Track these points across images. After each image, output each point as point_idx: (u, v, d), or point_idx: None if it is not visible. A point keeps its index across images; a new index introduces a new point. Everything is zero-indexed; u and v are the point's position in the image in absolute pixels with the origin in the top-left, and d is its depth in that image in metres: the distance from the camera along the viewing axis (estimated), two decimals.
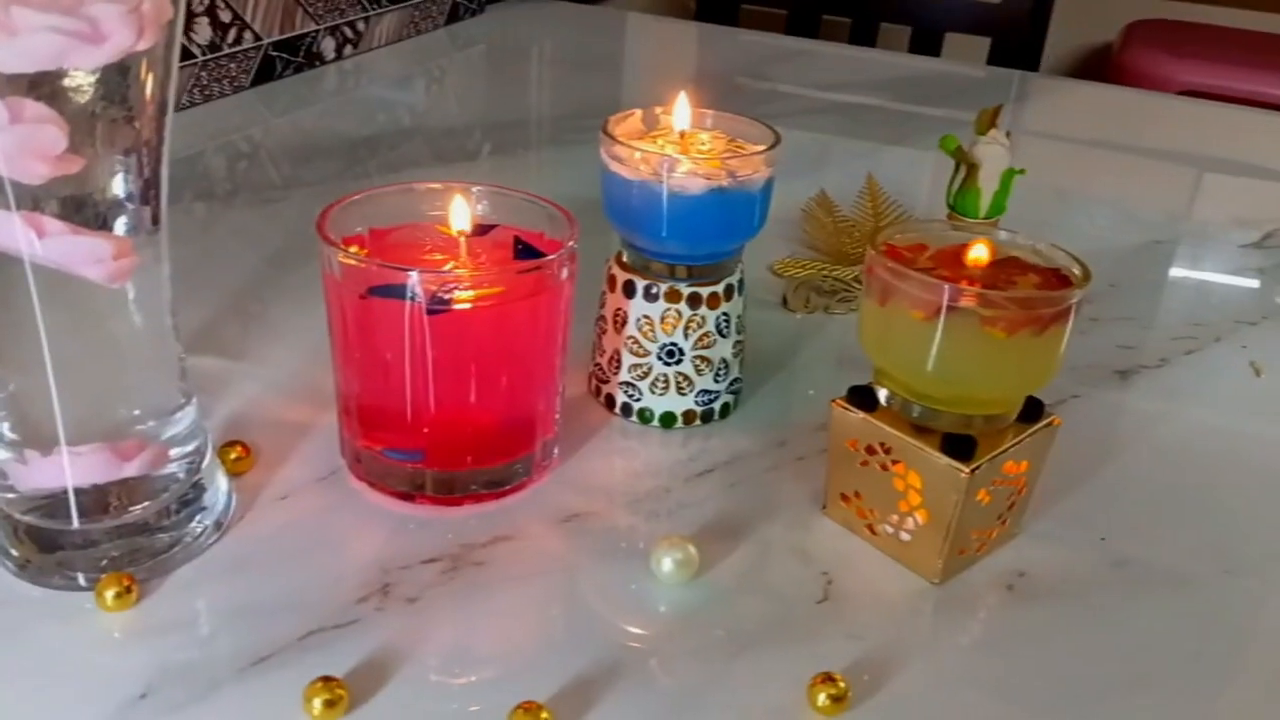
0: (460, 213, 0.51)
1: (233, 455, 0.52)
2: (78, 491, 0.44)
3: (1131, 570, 0.50)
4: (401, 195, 0.53)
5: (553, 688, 0.41)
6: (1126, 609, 0.48)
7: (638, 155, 0.53)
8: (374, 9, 1.20)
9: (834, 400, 0.50)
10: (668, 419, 0.58)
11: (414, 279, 0.46)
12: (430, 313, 0.46)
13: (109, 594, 0.43)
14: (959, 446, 0.46)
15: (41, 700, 0.40)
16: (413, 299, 0.46)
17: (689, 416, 0.58)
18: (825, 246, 0.79)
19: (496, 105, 1.14)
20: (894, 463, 0.48)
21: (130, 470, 0.44)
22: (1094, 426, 0.61)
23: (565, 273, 0.49)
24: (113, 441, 0.44)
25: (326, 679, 0.40)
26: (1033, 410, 0.48)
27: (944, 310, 0.44)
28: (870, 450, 0.49)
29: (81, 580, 0.44)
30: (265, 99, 1.06)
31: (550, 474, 0.54)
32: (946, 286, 0.43)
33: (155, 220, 0.43)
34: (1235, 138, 1.19)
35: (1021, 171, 0.74)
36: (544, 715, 0.39)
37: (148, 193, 0.42)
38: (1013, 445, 0.47)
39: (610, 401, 0.59)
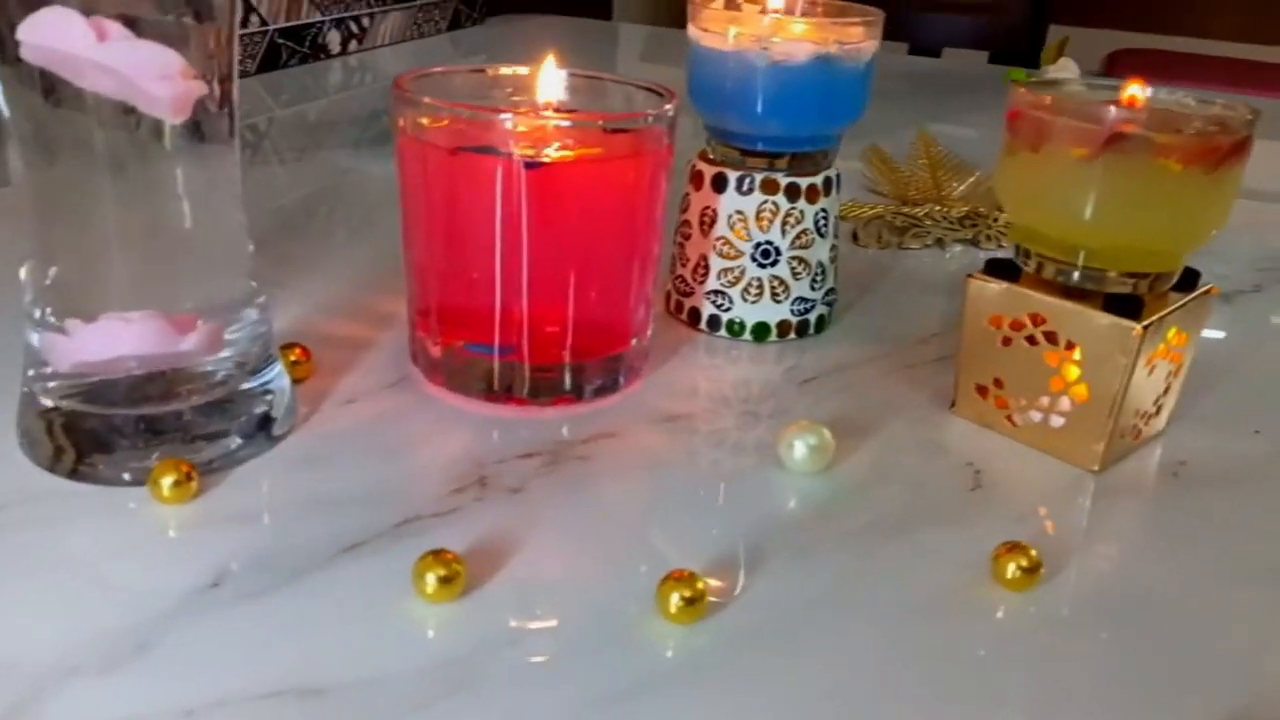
0: (550, 80, 0.46)
1: (291, 358, 0.46)
2: (127, 371, 0.38)
3: None
4: (477, 76, 0.49)
5: (695, 565, 0.35)
6: None
7: (732, 25, 0.48)
8: (379, 6, 1.16)
9: (970, 274, 0.45)
10: (760, 330, 0.52)
11: (508, 124, 0.41)
12: (527, 167, 0.41)
13: (165, 482, 0.37)
14: (1125, 305, 0.41)
15: (89, 597, 0.33)
16: (508, 155, 0.41)
17: (784, 328, 0.53)
18: (889, 191, 0.75)
19: None
20: (1046, 335, 0.43)
21: (187, 344, 0.38)
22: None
23: (665, 140, 0.44)
24: (168, 312, 0.38)
25: (438, 552, 0.33)
26: (1189, 278, 0.44)
27: (1110, 140, 0.39)
28: (1016, 325, 0.44)
29: (127, 476, 0.38)
30: (270, 87, 1.01)
31: (641, 382, 0.48)
32: (1114, 110, 0.39)
33: (231, 132, 0.39)
34: None
35: None
36: (699, 585, 0.33)
37: (224, 100, 0.38)
38: (1177, 308, 0.42)
39: (695, 316, 0.53)
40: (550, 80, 0.46)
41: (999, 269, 0.44)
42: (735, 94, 0.49)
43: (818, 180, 0.51)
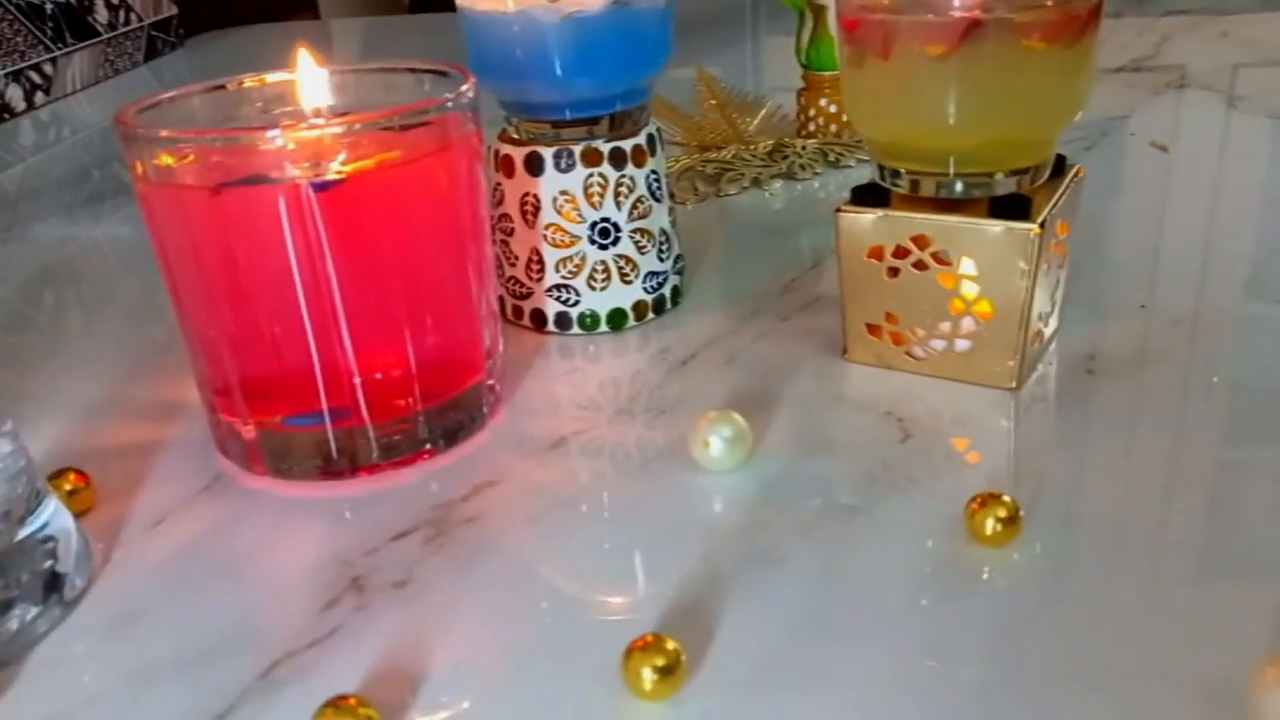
0: (312, 81, 0.38)
1: (66, 488, 0.36)
2: None
3: (1193, 325, 0.44)
4: (215, 97, 0.40)
5: (651, 621, 0.29)
6: (1215, 356, 0.41)
7: None
8: (59, 48, 1.01)
9: (837, 209, 0.40)
10: (616, 318, 0.46)
11: (279, 141, 0.32)
12: (317, 188, 0.33)
13: None
14: (1014, 206, 0.38)
15: None
16: (288, 178, 0.33)
17: (640, 310, 0.47)
18: (687, 139, 0.70)
19: None
20: (935, 257, 0.39)
21: None
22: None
23: (471, 124, 0.37)
24: None
25: (336, 702, 0.26)
26: (1057, 163, 0.41)
27: (967, 31, 0.35)
28: (900, 253, 0.40)
29: None
30: None
31: (504, 409, 0.41)
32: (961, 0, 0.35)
33: None
34: None
35: None
36: (669, 646, 0.27)
37: None
38: (1060, 198, 0.40)
39: (539, 318, 0.47)
40: (312, 81, 0.38)
41: (866, 195, 0.40)
42: (530, 60, 0.42)
43: (640, 140, 0.45)
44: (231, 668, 0.29)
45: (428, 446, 0.38)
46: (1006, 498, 0.31)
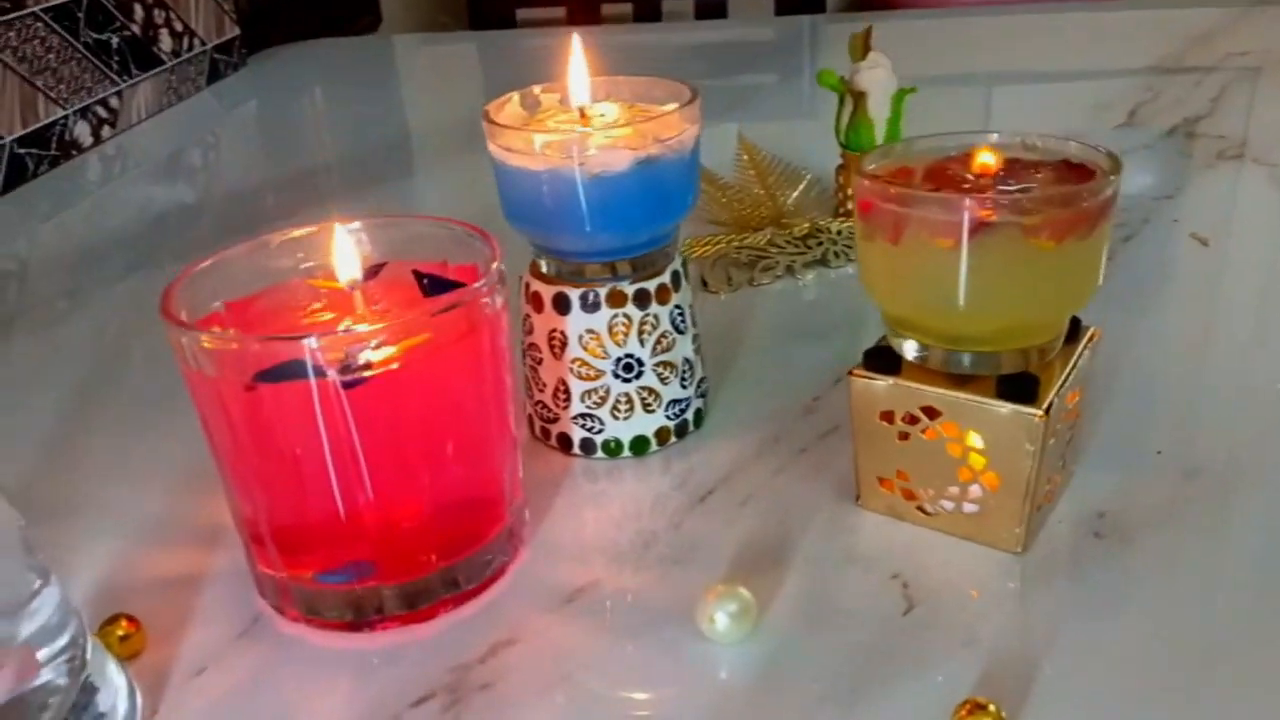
0: (345, 254, 0.40)
1: (119, 633, 0.39)
2: None
3: (1204, 481, 0.44)
4: (257, 253, 0.42)
5: None
6: (1222, 518, 0.42)
7: (539, 140, 0.43)
8: (124, 80, 1.04)
9: (851, 370, 0.42)
10: (639, 445, 0.48)
11: (312, 346, 0.34)
12: (346, 386, 0.35)
13: None
14: (1020, 388, 0.38)
15: None
16: (319, 375, 0.35)
17: (662, 435, 0.48)
18: (724, 217, 0.71)
19: (282, 161, 1.01)
20: (944, 426, 0.40)
21: None
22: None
23: (498, 300, 0.39)
24: None
25: None
26: (1072, 328, 0.42)
27: (975, 229, 0.36)
28: (910, 419, 0.41)
29: None
30: (21, 206, 0.89)
31: (526, 547, 0.43)
32: (970, 200, 0.36)
33: None
34: (1041, 39, 1.18)
35: (913, 90, 0.68)
36: None
37: None
38: (1070, 371, 0.40)
39: (565, 442, 0.49)
40: (346, 252, 0.40)
41: (879, 360, 0.41)
42: (557, 213, 0.44)
43: (665, 279, 0.47)
44: None
45: (447, 596, 0.40)
46: (992, 707, 0.33)
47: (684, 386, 0.48)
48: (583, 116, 0.46)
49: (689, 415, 0.49)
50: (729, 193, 0.73)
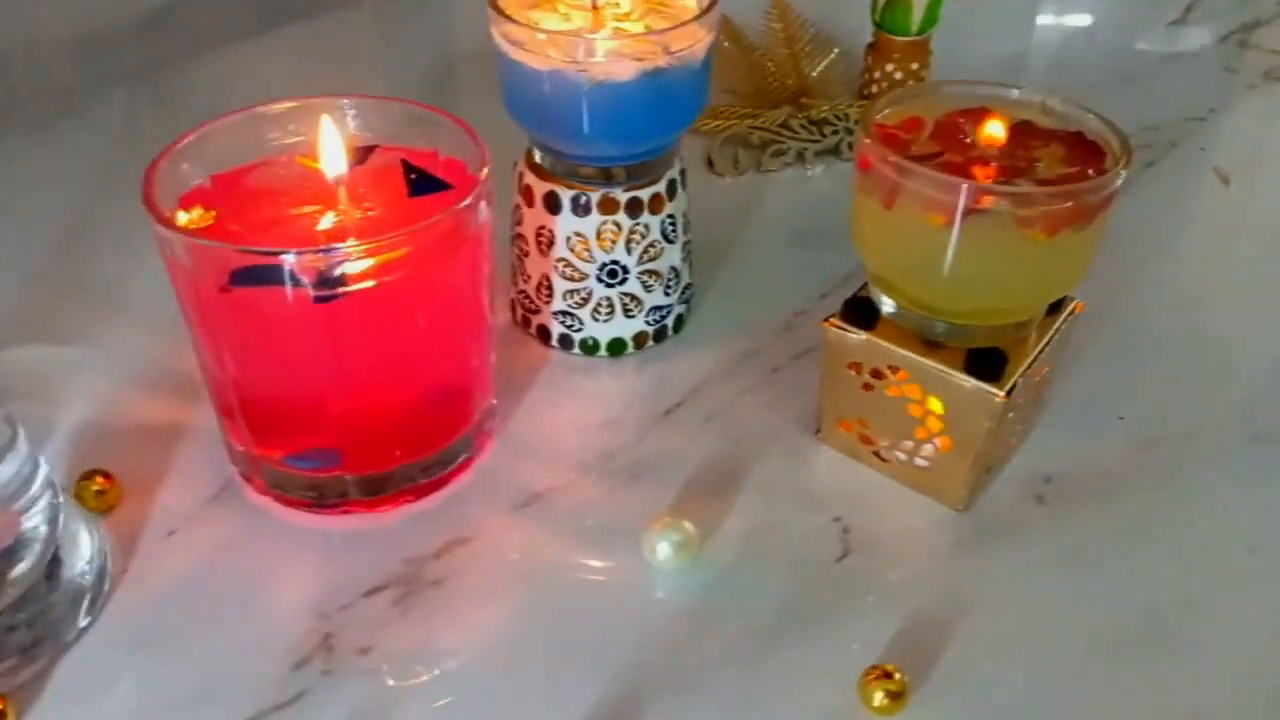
0: (332, 150, 0.39)
1: (94, 489, 0.41)
2: None
3: (1160, 452, 0.45)
4: (245, 124, 0.41)
5: None
6: (1161, 500, 0.43)
7: (543, 38, 0.41)
8: None
9: (826, 319, 0.42)
10: (616, 346, 0.49)
11: (289, 262, 0.34)
12: (319, 300, 0.35)
13: None
14: (987, 365, 0.39)
15: None
16: (294, 284, 0.35)
17: (640, 340, 0.49)
18: (742, 86, 0.69)
19: None
20: (907, 387, 0.40)
21: None
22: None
23: (483, 212, 0.39)
24: None
25: None
26: (1057, 300, 0.41)
27: (969, 211, 0.35)
28: (876, 374, 0.41)
29: None
30: None
31: (493, 441, 0.45)
32: (967, 185, 0.35)
33: None
34: None
35: None
36: None
37: None
38: (1043, 349, 0.40)
39: (544, 333, 0.49)
40: (332, 144, 0.39)
41: (856, 312, 0.41)
42: (556, 114, 0.43)
43: (660, 188, 0.46)
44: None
45: (409, 490, 0.42)
46: (898, 675, 0.35)
47: (667, 294, 0.49)
48: (595, 7, 0.44)
49: (669, 321, 0.49)
50: (752, 56, 0.70)
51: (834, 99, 0.68)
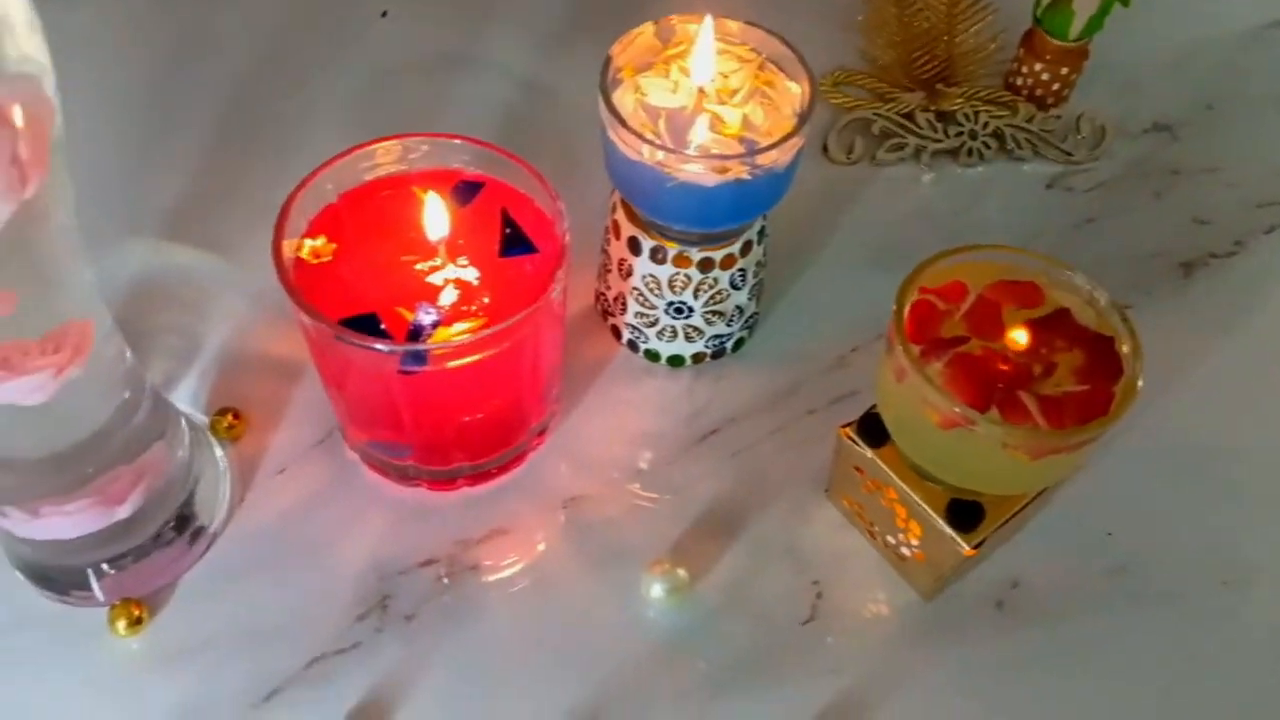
0: (435, 216, 0.45)
1: (225, 424, 0.51)
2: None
3: (1129, 581, 0.49)
4: (366, 158, 0.47)
5: None
6: (1114, 630, 0.48)
7: (634, 139, 0.44)
8: None
9: (842, 427, 0.47)
10: (675, 360, 0.55)
11: (381, 350, 0.41)
12: (403, 372, 0.42)
13: (120, 624, 0.45)
14: (964, 516, 0.44)
15: None
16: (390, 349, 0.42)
17: (698, 358, 0.55)
18: (885, 54, 0.68)
19: None
20: (896, 507, 0.46)
21: (123, 512, 0.44)
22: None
23: (558, 291, 0.44)
24: (96, 486, 0.43)
25: None
26: None
27: (960, 424, 0.39)
28: (873, 485, 0.46)
29: (99, 596, 0.46)
30: None
31: (550, 435, 0.52)
32: (960, 410, 0.38)
33: None
34: None
35: (1126, 1, 0.61)
36: None
37: None
38: (1026, 505, 0.45)
39: (616, 332, 0.55)
40: (435, 215, 0.44)
41: (869, 429, 0.46)
42: (640, 191, 0.46)
43: (735, 249, 0.50)
44: (287, 652, 0.46)
45: (469, 478, 0.50)
46: None
47: (729, 325, 0.53)
48: (700, 93, 0.46)
49: (729, 344, 0.55)
50: (908, 12, 0.68)
51: (976, 80, 0.67)
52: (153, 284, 0.57)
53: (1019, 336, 0.40)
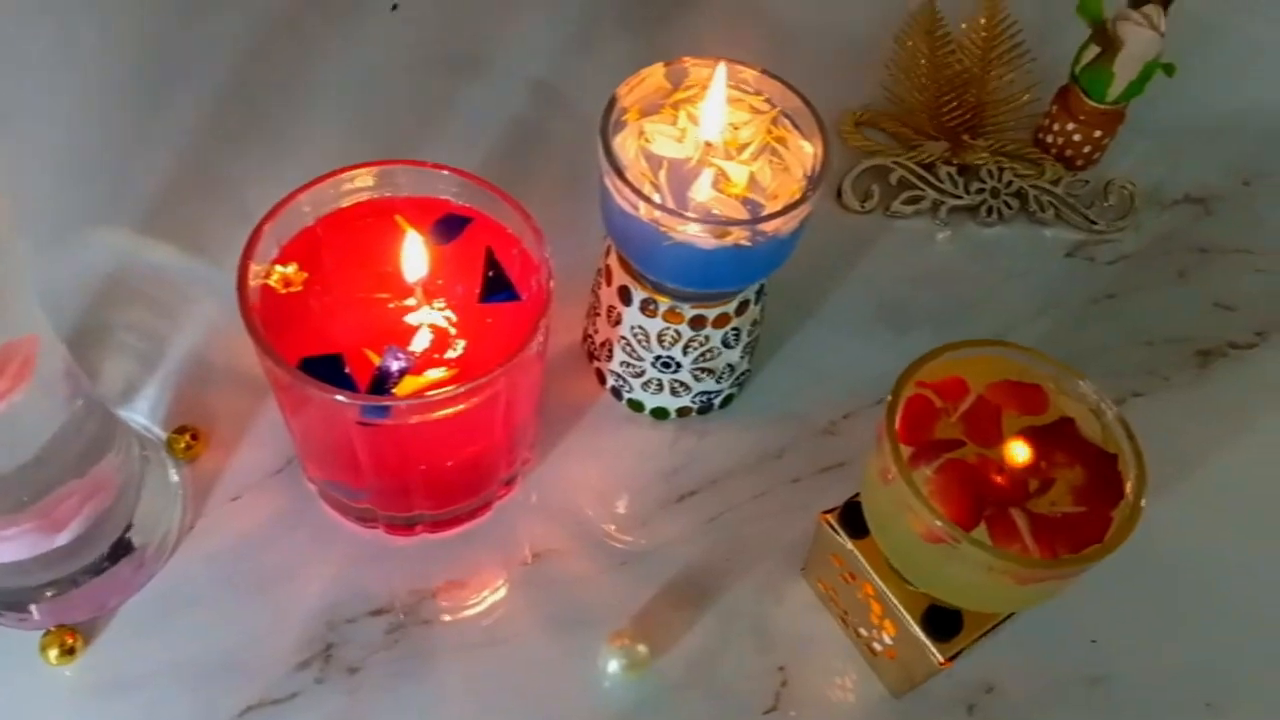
0: (414, 263, 0.42)
1: (182, 445, 0.49)
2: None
3: (1110, 693, 0.47)
4: (349, 181, 0.44)
5: None
6: None
7: (634, 194, 0.42)
8: None
9: (823, 514, 0.44)
10: (659, 413, 0.52)
11: (341, 401, 0.39)
12: (361, 424, 0.40)
13: (52, 653, 0.43)
14: (943, 624, 0.41)
15: None
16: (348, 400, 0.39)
17: (683, 412, 0.52)
18: (912, 96, 0.65)
19: None
20: (873, 603, 0.43)
21: (63, 539, 0.42)
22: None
23: (537, 345, 0.42)
24: (38, 509, 0.41)
25: None
26: None
27: (943, 538, 0.37)
28: (850, 576, 0.44)
29: (36, 617, 0.44)
30: None
31: (520, 483, 0.50)
32: (944, 526, 0.36)
33: None
34: None
35: (1170, 70, 0.58)
36: None
37: None
38: (1006, 619, 0.42)
39: (601, 377, 0.53)
40: (414, 256, 0.42)
41: (851, 520, 0.43)
42: (635, 246, 0.44)
43: (730, 308, 0.47)
44: (217, 698, 0.43)
45: (429, 526, 0.48)
46: None
47: (718, 382, 0.51)
48: (707, 146, 0.43)
49: (716, 401, 0.52)
50: (941, 52, 0.65)
51: (1004, 132, 0.64)
52: (122, 278, 0.54)
53: (1018, 451, 0.38)
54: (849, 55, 0.68)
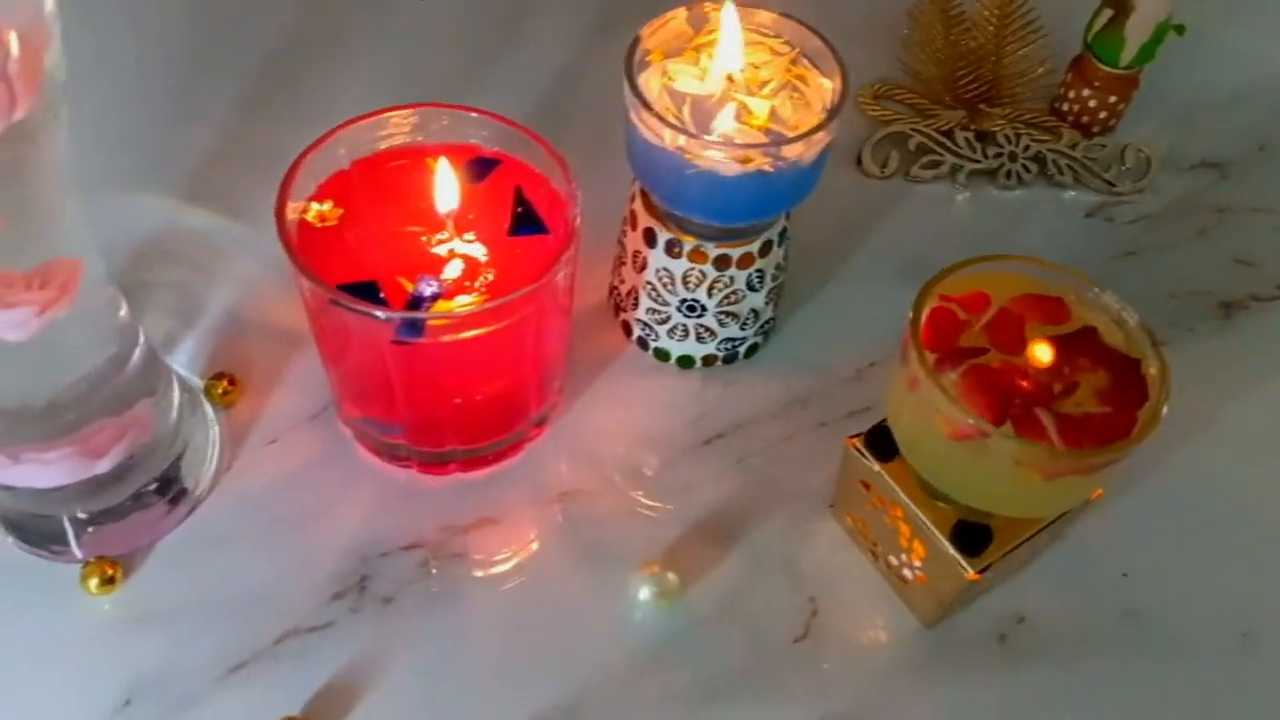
0: (446, 186, 0.43)
1: (220, 390, 0.50)
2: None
3: (1142, 626, 0.47)
4: (382, 124, 0.45)
5: None
6: (1123, 677, 0.45)
7: (657, 123, 0.43)
8: None
9: (849, 438, 0.45)
10: (685, 361, 0.53)
11: (379, 317, 0.40)
12: (396, 343, 0.41)
13: (92, 582, 0.44)
14: (972, 538, 0.42)
15: (30, 692, 0.42)
16: (384, 317, 0.41)
17: (708, 360, 0.53)
18: (928, 69, 0.66)
19: None
20: (902, 525, 0.44)
21: (102, 467, 0.43)
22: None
23: (563, 273, 0.43)
24: (78, 437, 0.42)
25: None
26: None
27: (973, 434, 0.37)
28: (880, 501, 0.44)
29: (76, 552, 0.45)
30: None
31: (550, 427, 0.51)
32: (973, 421, 0.36)
33: None
34: None
35: (1181, 30, 0.59)
36: None
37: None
38: (1038, 532, 0.43)
39: (627, 329, 0.54)
40: (446, 183, 0.43)
41: (878, 442, 0.44)
42: (660, 179, 0.45)
43: (753, 248, 0.48)
44: (258, 626, 0.44)
45: (461, 464, 0.49)
46: None
47: (743, 329, 0.52)
48: (729, 82, 0.45)
49: (741, 349, 0.53)
50: (954, 32, 0.67)
51: (1020, 104, 0.65)
52: (164, 239, 0.56)
53: (1041, 352, 0.38)
54: (866, 32, 0.69)
